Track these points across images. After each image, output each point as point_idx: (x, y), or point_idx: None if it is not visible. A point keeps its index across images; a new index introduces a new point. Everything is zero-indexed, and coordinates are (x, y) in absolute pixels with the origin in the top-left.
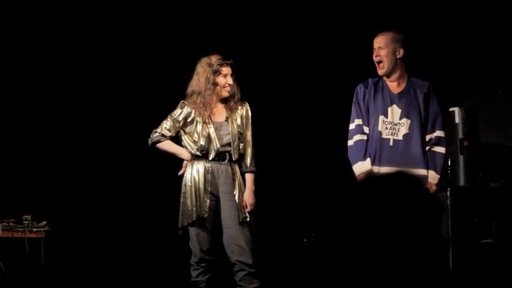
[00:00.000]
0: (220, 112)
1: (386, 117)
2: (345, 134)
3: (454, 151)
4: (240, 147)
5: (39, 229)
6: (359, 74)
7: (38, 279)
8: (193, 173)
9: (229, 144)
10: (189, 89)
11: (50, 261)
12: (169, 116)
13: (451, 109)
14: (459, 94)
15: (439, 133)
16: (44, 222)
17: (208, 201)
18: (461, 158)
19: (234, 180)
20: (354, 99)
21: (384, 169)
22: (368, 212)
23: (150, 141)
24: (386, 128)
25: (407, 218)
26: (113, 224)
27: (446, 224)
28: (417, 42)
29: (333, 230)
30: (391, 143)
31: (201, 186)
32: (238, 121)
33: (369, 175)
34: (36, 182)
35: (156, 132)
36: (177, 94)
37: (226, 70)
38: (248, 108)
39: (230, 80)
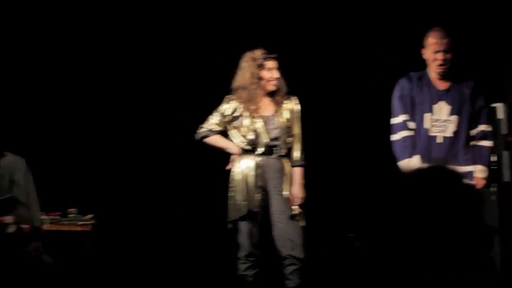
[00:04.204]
0: (267, 106)
1: (433, 115)
2: (388, 128)
3: (498, 147)
4: (288, 141)
5: (85, 222)
6: (399, 67)
7: (83, 272)
8: (243, 167)
9: (277, 138)
10: (235, 84)
11: (95, 254)
12: (215, 111)
13: (493, 105)
14: (502, 89)
15: (484, 127)
16: (90, 216)
17: (258, 195)
18: (505, 153)
19: (283, 174)
20: (398, 94)
21: None
22: (410, 206)
23: (197, 136)
24: (434, 126)
25: (448, 213)
26: (159, 217)
27: (495, 219)
28: (460, 37)
29: (376, 226)
30: (439, 140)
31: (251, 180)
32: (287, 115)
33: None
34: (82, 176)
35: (203, 127)
36: (223, 89)
37: (271, 64)
38: (297, 102)
39: (275, 74)
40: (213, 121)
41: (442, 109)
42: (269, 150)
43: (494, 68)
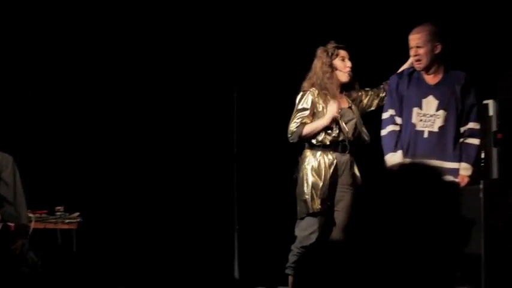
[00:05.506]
0: (342, 99)
1: (421, 109)
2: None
3: (488, 144)
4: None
5: (71, 220)
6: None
7: (69, 269)
8: (313, 162)
9: (350, 132)
10: (309, 78)
11: (81, 252)
12: (296, 112)
13: (485, 102)
14: (493, 86)
15: (473, 125)
16: (77, 214)
17: (328, 192)
18: (494, 150)
19: (352, 171)
20: (387, 89)
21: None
22: (388, 200)
23: (294, 138)
24: (421, 120)
25: (425, 208)
26: (147, 216)
27: (478, 217)
28: (452, 34)
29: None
30: (425, 135)
31: (322, 177)
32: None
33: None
34: (69, 174)
35: (292, 128)
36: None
37: (343, 53)
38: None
39: (349, 63)
40: (298, 120)
41: (430, 104)
42: (342, 145)
43: (488, 64)
